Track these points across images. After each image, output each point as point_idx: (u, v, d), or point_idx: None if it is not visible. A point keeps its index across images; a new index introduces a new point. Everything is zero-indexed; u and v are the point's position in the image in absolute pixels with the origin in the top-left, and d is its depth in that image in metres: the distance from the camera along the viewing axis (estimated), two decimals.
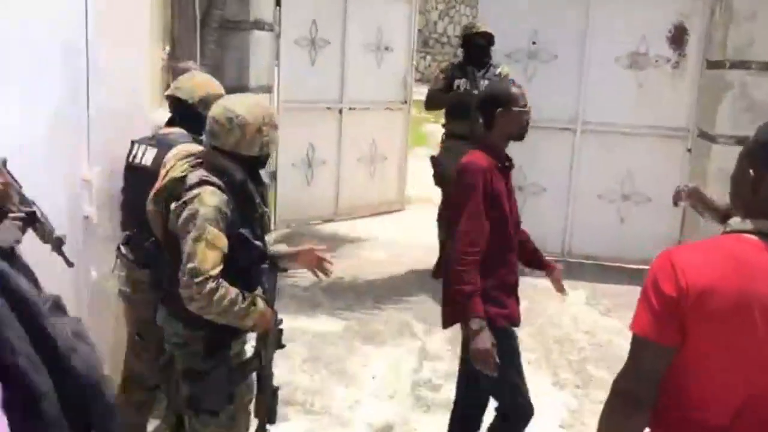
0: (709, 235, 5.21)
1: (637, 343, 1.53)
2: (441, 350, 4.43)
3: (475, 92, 4.93)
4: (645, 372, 1.50)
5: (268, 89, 5.81)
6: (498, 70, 5.10)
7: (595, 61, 5.49)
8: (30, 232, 2.18)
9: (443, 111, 5.39)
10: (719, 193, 4.80)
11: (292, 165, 6.22)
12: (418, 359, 4.33)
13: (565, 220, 5.75)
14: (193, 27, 4.14)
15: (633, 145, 5.54)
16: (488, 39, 5.08)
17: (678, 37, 5.35)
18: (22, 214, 2.16)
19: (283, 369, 4.05)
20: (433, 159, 5.37)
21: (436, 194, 7.55)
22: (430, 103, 5.40)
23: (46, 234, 2.36)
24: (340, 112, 6.47)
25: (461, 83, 5.08)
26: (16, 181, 2.24)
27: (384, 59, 6.72)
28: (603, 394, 4.08)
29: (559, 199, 5.72)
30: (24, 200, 2.22)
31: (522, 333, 4.60)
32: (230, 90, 5.22)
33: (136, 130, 3.16)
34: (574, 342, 4.57)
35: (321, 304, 4.93)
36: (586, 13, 5.47)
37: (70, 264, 2.44)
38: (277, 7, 5.80)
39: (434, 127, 11.58)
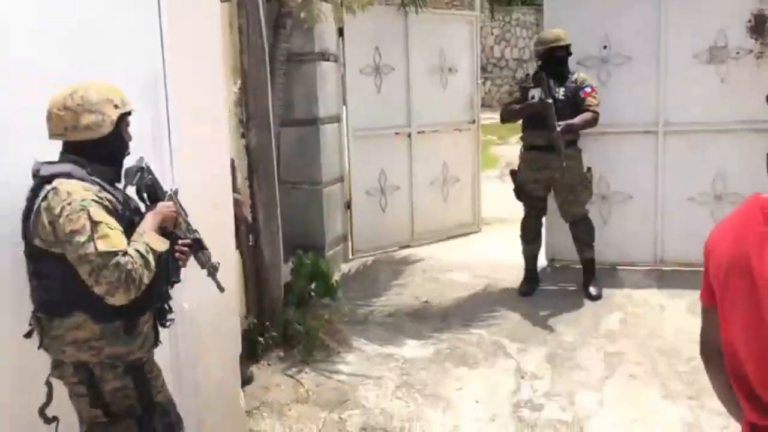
0: None
1: (701, 309, 1.61)
2: (538, 369, 4.23)
3: (550, 101, 4.79)
4: (703, 334, 1.61)
5: (337, 119, 5.81)
6: (574, 77, 4.94)
7: (672, 59, 5.27)
8: None
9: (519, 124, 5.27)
10: None
11: (366, 193, 6.16)
12: (514, 379, 4.14)
13: (654, 227, 5.48)
14: (262, 60, 4.14)
15: (721, 142, 5.27)
16: (566, 51, 4.94)
17: (758, 26, 5.09)
18: (189, 241, 2.42)
19: (377, 396, 3.94)
20: (512, 172, 5.22)
21: (514, 212, 7.42)
22: (506, 116, 5.27)
23: (205, 260, 2.54)
24: (409, 136, 6.41)
25: (535, 93, 4.93)
26: (183, 210, 2.45)
27: (449, 81, 6.65)
28: (719, 404, 3.83)
29: (647, 206, 5.46)
30: (189, 228, 2.43)
31: (623, 346, 4.41)
32: (301, 122, 5.28)
33: (216, 162, 3.15)
34: (681, 352, 4.29)
35: (408, 329, 4.79)
36: (657, 10, 5.26)
37: (221, 289, 2.58)
38: (340, 37, 5.82)
39: (501, 149, 11.43)
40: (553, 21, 5.34)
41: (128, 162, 2.34)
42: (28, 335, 2.24)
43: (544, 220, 5.29)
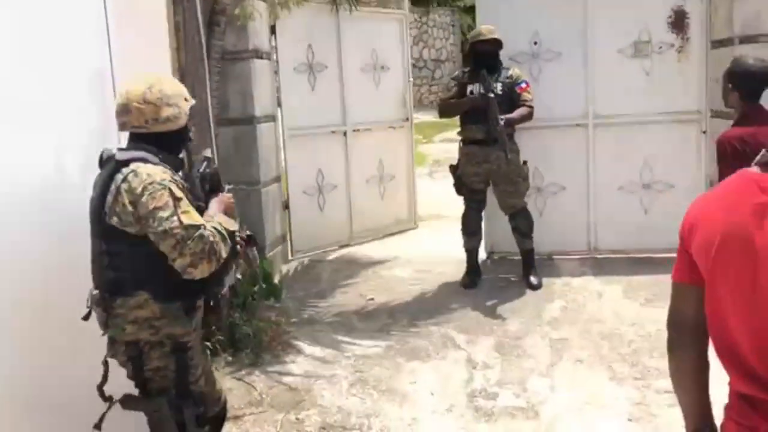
0: None
1: (672, 287, 1.61)
2: (488, 358, 4.29)
3: (492, 96, 4.87)
4: (674, 313, 1.60)
5: (272, 118, 5.74)
6: (510, 72, 5.05)
7: (599, 54, 5.47)
8: None
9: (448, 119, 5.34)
10: None
11: (304, 192, 6.11)
12: (466, 370, 4.18)
13: (588, 216, 5.67)
14: (200, 58, 4.05)
15: (647, 133, 5.50)
16: (495, 45, 5.04)
17: (678, 22, 5.34)
18: (245, 235, 2.55)
19: (332, 395, 3.91)
20: (452, 168, 5.29)
21: (446, 208, 7.53)
22: (445, 111, 5.33)
23: (252, 259, 2.68)
24: (345, 134, 6.39)
25: (475, 88, 5.01)
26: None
27: (382, 79, 6.68)
28: (665, 383, 3.99)
29: (580, 196, 5.64)
30: (241, 225, 2.53)
31: (567, 332, 4.53)
32: (237, 122, 5.18)
33: None
34: (622, 336, 4.45)
35: (356, 327, 4.78)
36: (584, 6, 5.45)
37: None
38: (273, 35, 5.75)
39: (427, 147, 11.58)
40: (485, 18, 5.45)
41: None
42: (86, 318, 2.36)
43: (483, 213, 5.38)
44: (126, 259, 2.26)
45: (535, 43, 5.54)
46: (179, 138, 2.40)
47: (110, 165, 2.29)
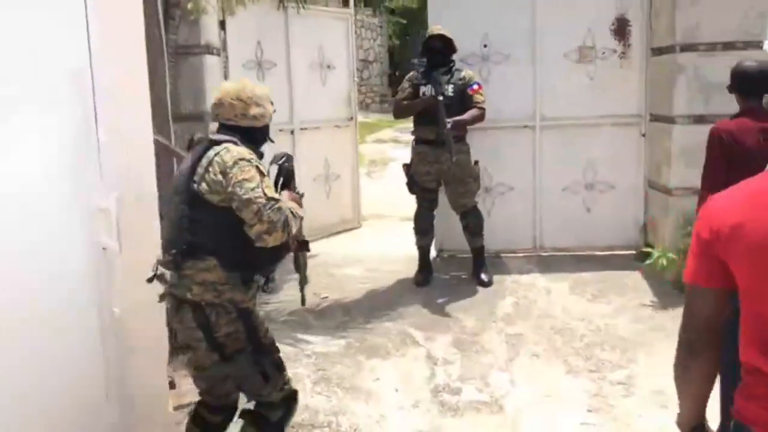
0: (677, 213, 5.40)
1: (687, 291, 1.58)
2: (448, 354, 4.37)
3: (440, 98, 4.95)
4: (695, 317, 1.56)
5: None
6: (462, 74, 5.15)
7: (546, 58, 5.65)
8: None
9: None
10: (681, 169, 5.06)
11: None
12: (428, 366, 4.25)
13: (534, 216, 5.84)
14: (160, 52, 3.95)
15: (591, 136, 5.71)
16: (445, 42, 5.12)
17: (621, 29, 5.58)
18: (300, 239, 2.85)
19: None
20: (405, 166, 5.35)
21: (387, 208, 7.61)
22: (399, 112, 5.38)
23: (302, 263, 2.95)
24: (292, 132, 6.35)
25: (426, 89, 5.09)
26: None
27: (328, 78, 6.67)
28: (619, 375, 4.15)
29: (527, 196, 5.81)
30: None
31: (521, 328, 4.66)
32: (187, 118, 5.08)
33: (148, 153, 2.98)
34: (574, 330, 4.61)
35: (313, 325, 4.77)
36: (532, 12, 5.62)
37: (304, 303, 2.98)
38: (222, 31, 5.66)
39: (363, 148, 11.59)
40: (436, 21, 5.52)
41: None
42: (150, 280, 2.63)
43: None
44: (204, 226, 2.55)
45: (485, 45, 5.67)
46: (262, 135, 2.75)
47: (203, 144, 2.63)
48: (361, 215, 7.27)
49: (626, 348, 4.37)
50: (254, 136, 2.70)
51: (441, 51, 5.15)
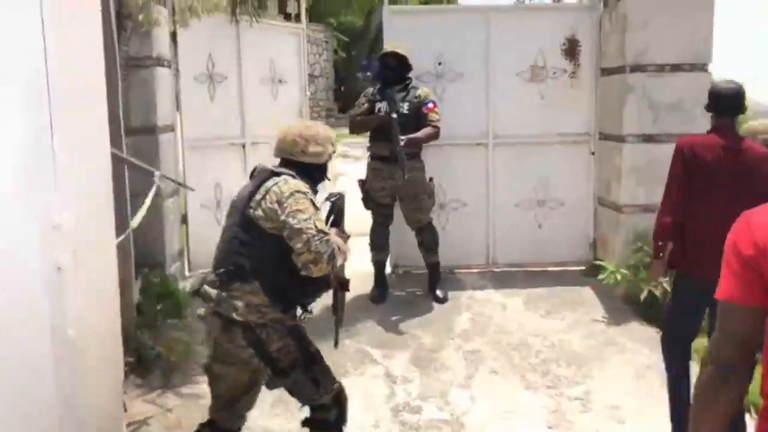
0: (627, 230, 5.52)
1: (722, 308, 1.53)
2: (407, 372, 4.35)
3: (394, 116, 4.95)
4: (732, 336, 1.50)
5: (172, 129, 5.52)
6: (418, 92, 5.17)
7: (499, 76, 5.72)
8: None
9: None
10: (632, 187, 5.18)
11: (202, 206, 5.90)
12: (387, 385, 4.22)
13: (487, 232, 5.88)
14: (113, 63, 3.82)
15: (542, 153, 5.80)
16: (399, 59, 5.14)
17: (571, 49, 5.70)
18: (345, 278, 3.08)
19: (254, 416, 3.79)
20: (360, 182, 5.32)
21: (354, 220, 7.52)
22: (353, 127, 5.36)
23: (340, 304, 3.21)
24: (244, 147, 6.24)
25: (382, 106, 5.09)
26: None
27: (279, 92, 6.59)
28: (575, 391, 4.20)
29: (480, 213, 5.85)
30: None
31: (479, 344, 4.67)
32: (138, 131, 4.94)
33: (105, 168, 2.87)
34: (530, 346, 4.65)
35: None
36: (486, 30, 5.68)
37: (336, 345, 3.27)
38: (173, 43, 5.54)
39: None
40: (392, 39, 5.54)
41: None
42: (195, 293, 2.96)
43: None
44: (253, 249, 2.70)
45: (440, 63, 5.70)
46: (319, 172, 2.94)
47: (264, 173, 2.81)
48: None
49: (581, 363, 4.43)
50: (312, 172, 2.90)
51: (395, 68, 5.16)
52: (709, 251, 3.48)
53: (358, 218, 5.44)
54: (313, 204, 2.71)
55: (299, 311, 2.89)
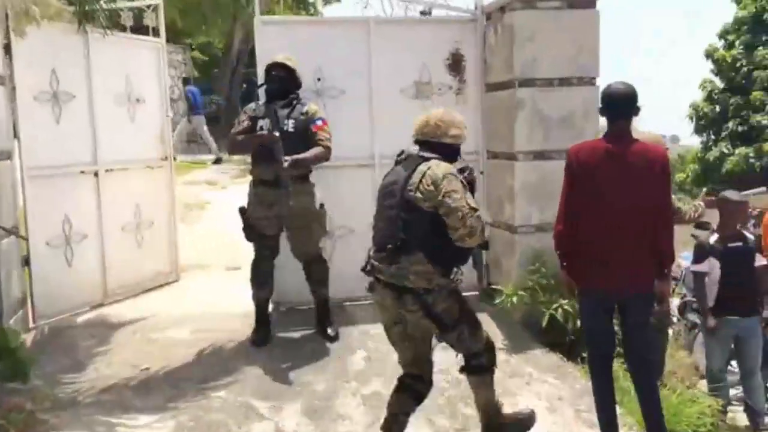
0: (522, 251, 5.33)
1: None
2: (300, 426, 3.82)
3: (277, 134, 4.44)
4: None
5: (8, 155, 4.71)
6: (305, 108, 4.67)
7: (382, 93, 5.35)
8: None
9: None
10: (525, 206, 4.96)
11: (48, 245, 5.07)
12: None
13: None
14: None
15: None
16: (288, 72, 4.65)
17: (456, 65, 5.43)
18: None
19: None
20: (241, 210, 4.73)
21: (208, 257, 6.87)
22: (232, 147, 4.79)
23: (479, 260, 3.54)
24: (96, 175, 5.48)
25: (264, 124, 4.55)
26: None
27: (137, 113, 5.89)
28: None
29: (369, 239, 5.38)
30: None
31: (377, 386, 4.21)
32: None
33: None
34: (434, 383, 4.23)
35: (134, 405, 3.97)
36: (366, 43, 5.31)
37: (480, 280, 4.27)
38: (7, 56, 4.74)
39: (178, 191, 10.66)
40: (265, 51, 5.05)
41: None
42: (363, 270, 3.35)
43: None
44: (415, 225, 3.10)
45: (319, 79, 5.25)
46: (455, 153, 3.28)
47: (414, 159, 3.22)
48: (180, 266, 6.48)
49: None
50: (449, 153, 3.25)
51: (282, 81, 4.65)
52: (597, 264, 3.41)
53: (227, 249, 4.89)
54: (462, 184, 3.09)
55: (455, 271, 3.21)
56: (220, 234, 7.37)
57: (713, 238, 5.14)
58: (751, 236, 5.42)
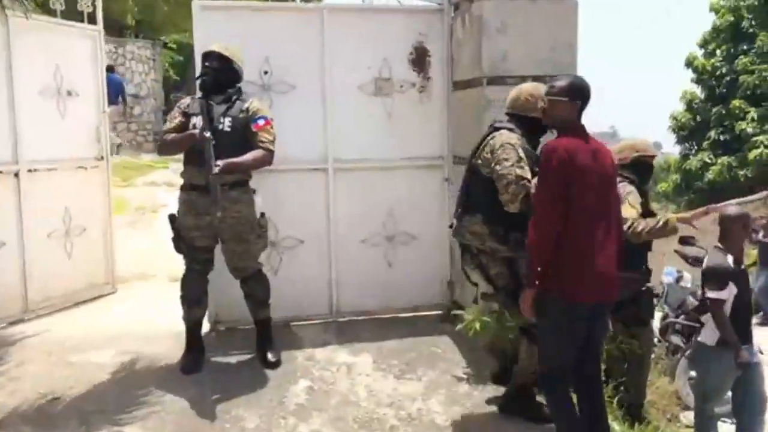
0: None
1: None
2: None
3: (208, 134, 3.89)
4: None
5: None
6: (246, 105, 4.10)
7: (338, 89, 4.81)
8: None
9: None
10: None
11: None
12: None
13: (329, 273, 4.92)
14: None
15: (391, 180, 4.96)
16: (223, 62, 4.09)
17: (420, 59, 4.92)
18: None
19: None
20: (171, 217, 4.16)
21: (154, 266, 6.29)
22: (162, 148, 4.23)
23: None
24: (17, 175, 4.90)
25: (197, 122, 4.00)
26: None
27: (68, 107, 5.31)
28: None
29: (321, 251, 4.88)
30: None
31: (318, 423, 3.66)
32: None
33: None
34: (382, 421, 3.71)
35: None
36: (320, 34, 4.77)
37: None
38: None
39: (128, 192, 10.06)
40: (205, 38, 4.49)
41: None
42: (451, 226, 3.75)
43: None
44: (476, 189, 3.57)
45: (266, 72, 4.70)
46: (540, 126, 3.44)
47: (489, 129, 3.63)
48: (118, 277, 5.89)
49: None
50: (533, 126, 3.51)
51: (217, 72, 4.10)
52: (591, 274, 3.00)
53: (174, 258, 4.34)
54: (518, 154, 3.36)
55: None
56: (170, 241, 6.80)
57: (730, 259, 4.36)
58: None
